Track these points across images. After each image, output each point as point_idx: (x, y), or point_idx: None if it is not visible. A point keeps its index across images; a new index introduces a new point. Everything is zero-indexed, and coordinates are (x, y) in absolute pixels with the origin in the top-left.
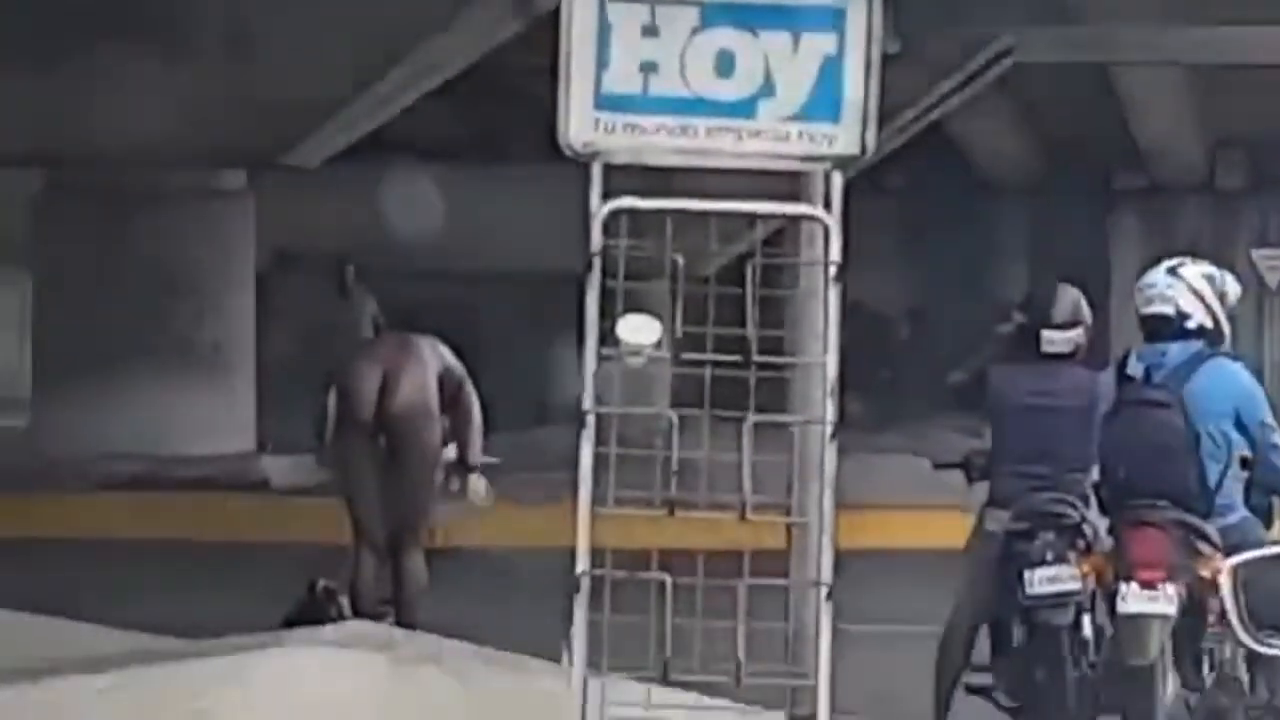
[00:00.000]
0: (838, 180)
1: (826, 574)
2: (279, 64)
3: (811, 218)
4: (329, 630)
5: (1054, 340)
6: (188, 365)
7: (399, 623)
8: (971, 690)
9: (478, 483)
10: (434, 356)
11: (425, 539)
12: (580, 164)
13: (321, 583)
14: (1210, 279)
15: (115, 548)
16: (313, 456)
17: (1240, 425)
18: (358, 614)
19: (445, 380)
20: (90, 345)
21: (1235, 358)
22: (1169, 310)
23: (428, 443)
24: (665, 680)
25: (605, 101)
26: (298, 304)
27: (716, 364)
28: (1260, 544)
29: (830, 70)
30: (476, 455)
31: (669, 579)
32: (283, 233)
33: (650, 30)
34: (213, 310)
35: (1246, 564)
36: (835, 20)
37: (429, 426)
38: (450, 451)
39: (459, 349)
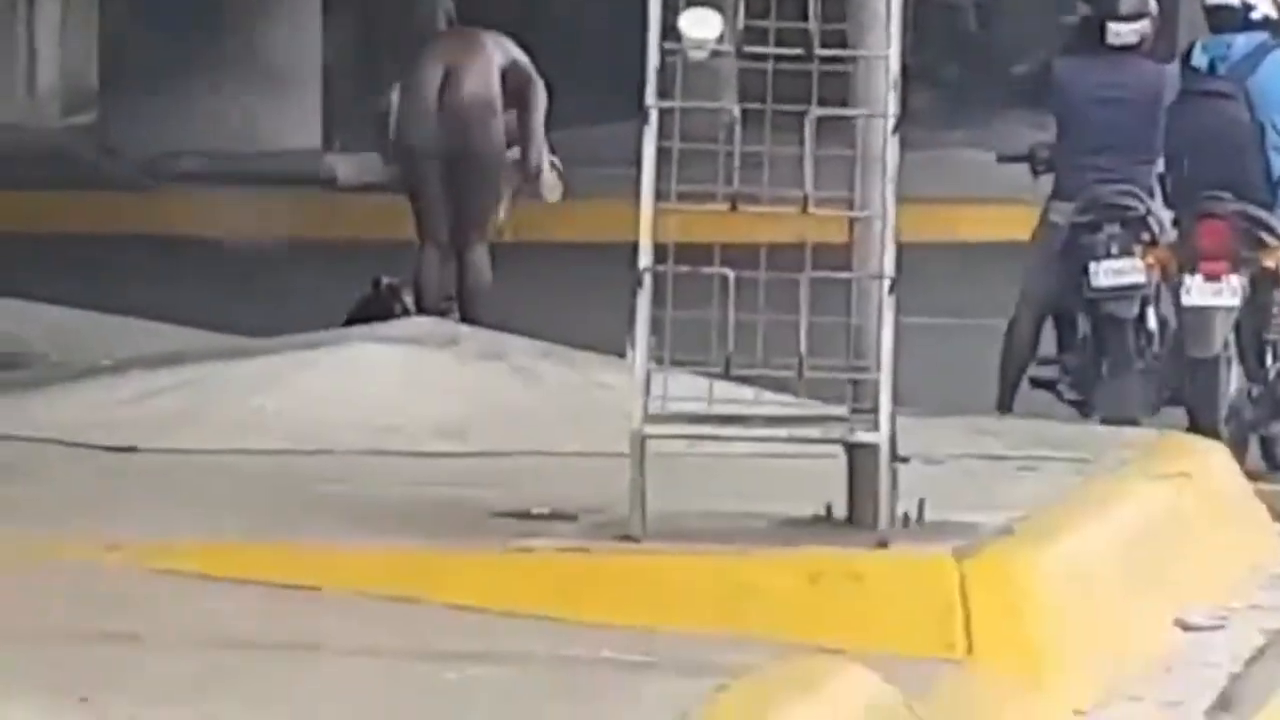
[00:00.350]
0: None
1: (889, 267)
2: None
3: None
4: (393, 326)
5: (1120, 32)
6: (255, 62)
7: (463, 318)
8: (1036, 383)
9: (549, 176)
10: (498, 51)
11: (489, 234)
12: None
13: (385, 279)
14: None
15: (181, 244)
16: (378, 153)
17: None
18: (422, 310)
19: (509, 75)
20: (158, 43)
21: None
22: (1234, 1)
23: (491, 137)
24: (727, 375)
25: None
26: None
27: (779, 58)
28: None
29: None
30: (539, 155)
31: (731, 273)
32: None
33: None
34: (280, 7)
35: None
36: None
37: (492, 121)
38: (515, 152)
39: (527, 47)
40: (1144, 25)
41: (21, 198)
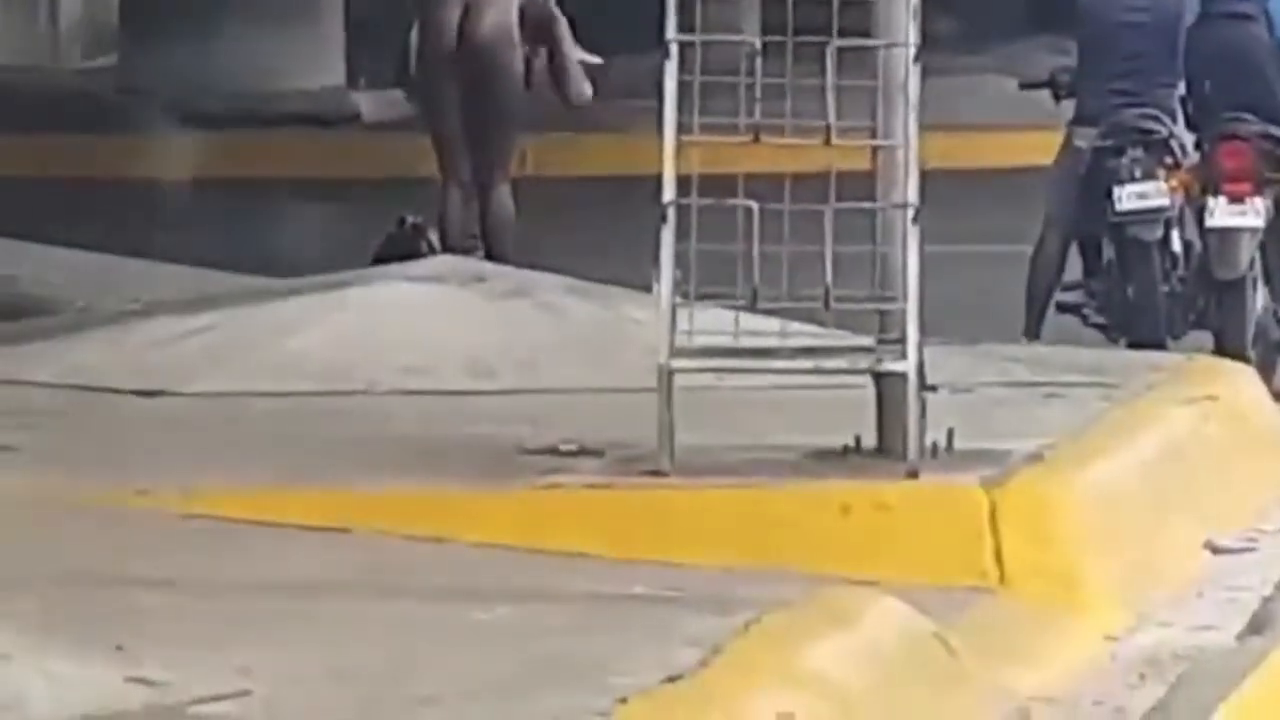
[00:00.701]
0: None
1: (913, 196)
2: None
3: None
4: (418, 265)
5: None
6: (277, 2)
7: (488, 256)
8: (1063, 308)
9: (580, 84)
10: None
11: (511, 171)
12: None
13: (410, 218)
14: None
15: (204, 186)
16: (401, 90)
17: None
18: (447, 248)
19: (528, 10)
20: None
21: None
22: None
23: (511, 73)
24: (753, 307)
25: None
26: None
27: None
28: None
29: None
30: (579, 87)
31: (756, 205)
32: None
33: None
34: None
35: None
36: None
37: (512, 57)
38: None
39: None
40: None
41: (44, 141)
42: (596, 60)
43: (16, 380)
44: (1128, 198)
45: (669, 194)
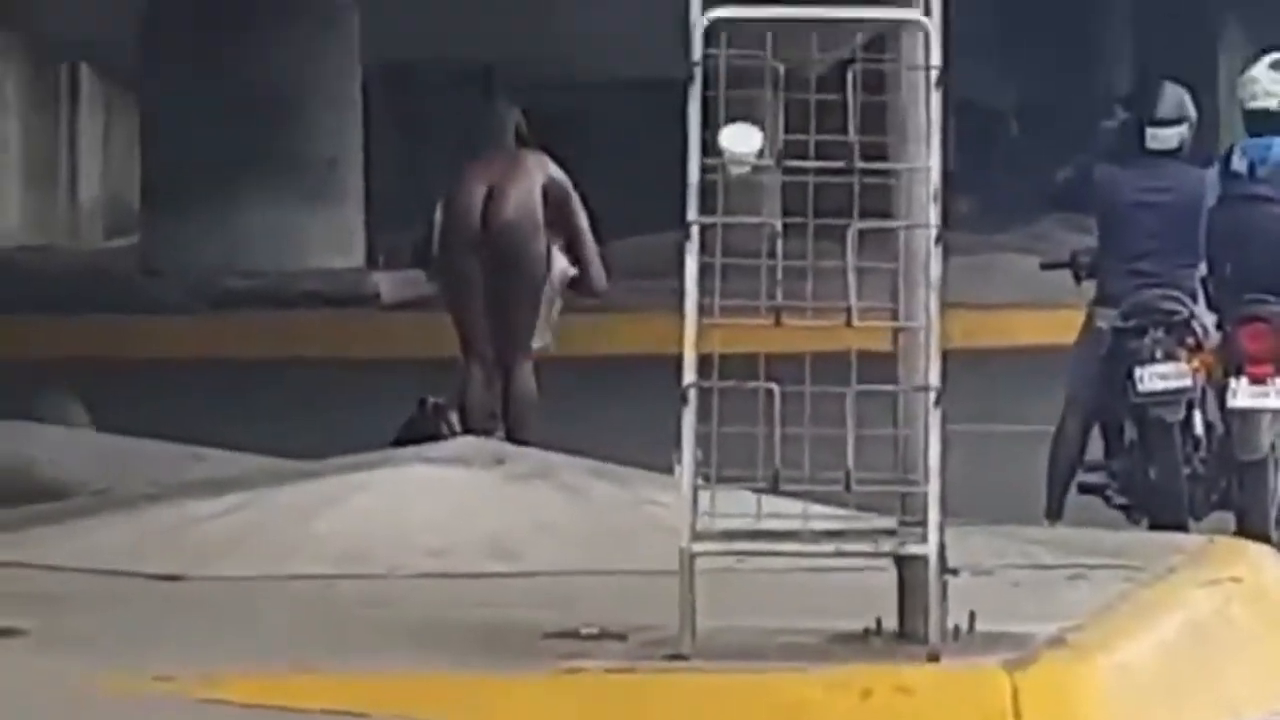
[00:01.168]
0: None
1: (934, 379)
2: None
3: (913, 23)
4: (439, 447)
5: (1159, 136)
6: (298, 182)
7: (509, 438)
8: (1084, 489)
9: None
10: (539, 170)
11: (533, 352)
12: None
13: (431, 399)
14: None
15: (227, 367)
16: (422, 271)
17: None
18: (468, 430)
19: (550, 193)
20: (199, 164)
21: None
22: (1272, 104)
23: (533, 256)
24: (775, 489)
25: None
26: (408, 117)
27: (820, 171)
28: None
29: None
30: (599, 274)
31: (777, 387)
32: (391, 46)
33: None
34: (321, 126)
35: None
36: None
37: (534, 240)
38: (568, 268)
39: (564, 162)
40: (1183, 129)
41: (65, 322)
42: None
43: (32, 564)
44: (1150, 379)
45: (690, 376)
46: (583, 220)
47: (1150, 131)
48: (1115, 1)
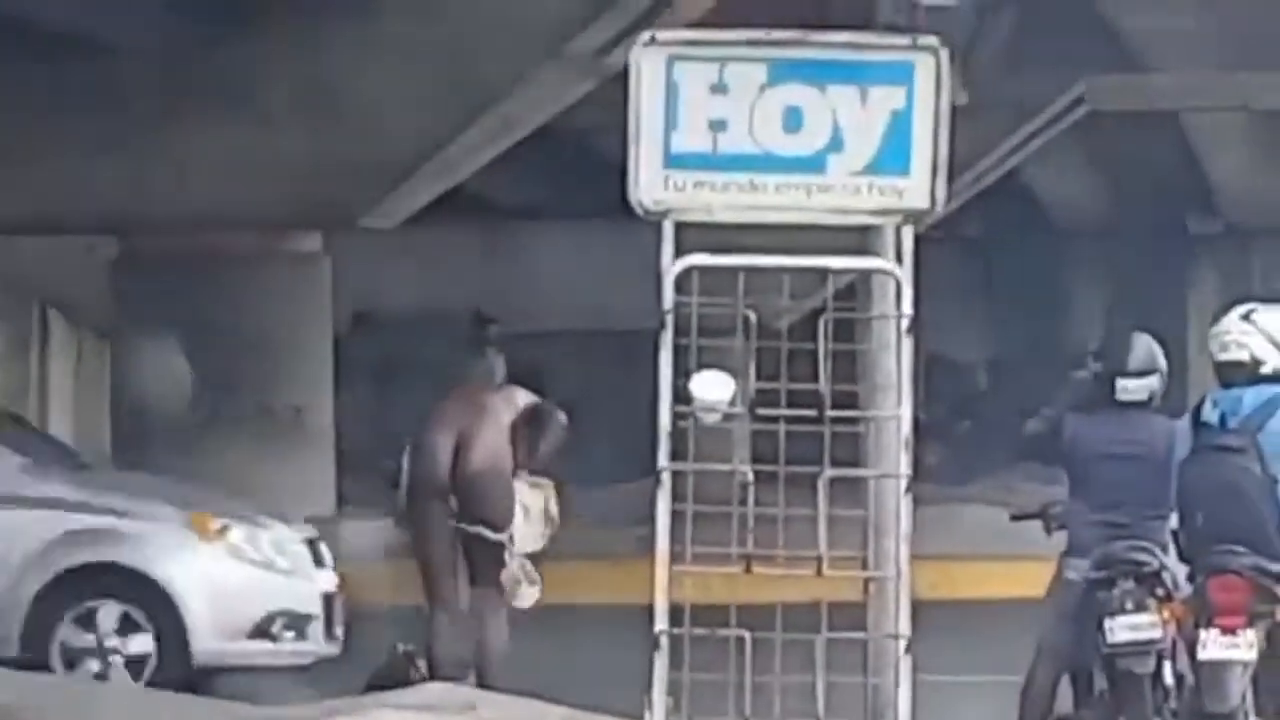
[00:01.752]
0: (908, 234)
1: (905, 627)
2: (353, 125)
3: (883, 271)
4: (410, 693)
5: (1129, 388)
6: (267, 429)
7: (481, 684)
8: None
9: (525, 585)
10: (507, 409)
11: (504, 599)
12: (651, 222)
13: (401, 646)
14: None
15: None
16: (391, 519)
17: None
18: (436, 677)
19: (526, 414)
20: (169, 409)
21: None
22: (1244, 356)
23: (501, 503)
24: None
25: (675, 160)
26: (376, 365)
27: (791, 419)
28: None
29: (899, 124)
30: (540, 460)
31: (748, 634)
32: (360, 294)
33: (718, 88)
34: (291, 374)
35: None
36: (903, 74)
37: (502, 487)
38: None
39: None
40: (1153, 381)
41: None
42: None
43: None
44: (1120, 630)
45: (661, 623)
46: (554, 420)
47: (1121, 383)
48: (1086, 253)
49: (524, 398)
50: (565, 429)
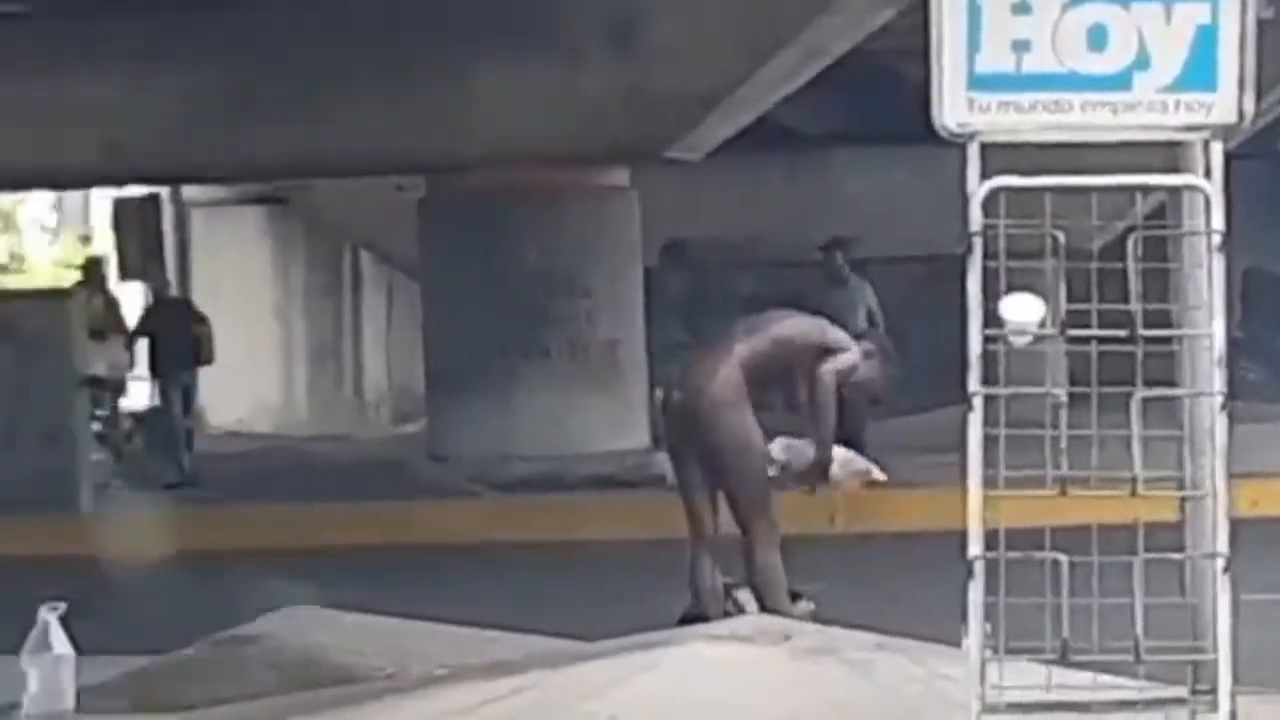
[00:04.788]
0: (1217, 149)
1: (1223, 546)
2: (662, 57)
3: (1192, 187)
4: (724, 625)
5: None
6: (580, 364)
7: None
8: None
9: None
10: (803, 336)
11: (765, 531)
12: (956, 144)
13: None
14: None
15: (514, 550)
16: None
17: None
18: (700, 615)
19: (809, 348)
20: (482, 349)
21: None
22: None
23: (729, 426)
24: (1064, 660)
25: (978, 82)
26: (685, 297)
27: (1103, 340)
28: None
29: (1205, 39)
30: (825, 454)
31: (1064, 558)
32: (669, 226)
33: (1020, 8)
34: (603, 309)
35: None
36: None
37: (735, 417)
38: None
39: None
40: None
41: (355, 509)
42: (881, 476)
43: None
44: None
45: (975, 548)
46: (823, 400)
47: None
48: None
49: (833, 333)
50: (829, 406)
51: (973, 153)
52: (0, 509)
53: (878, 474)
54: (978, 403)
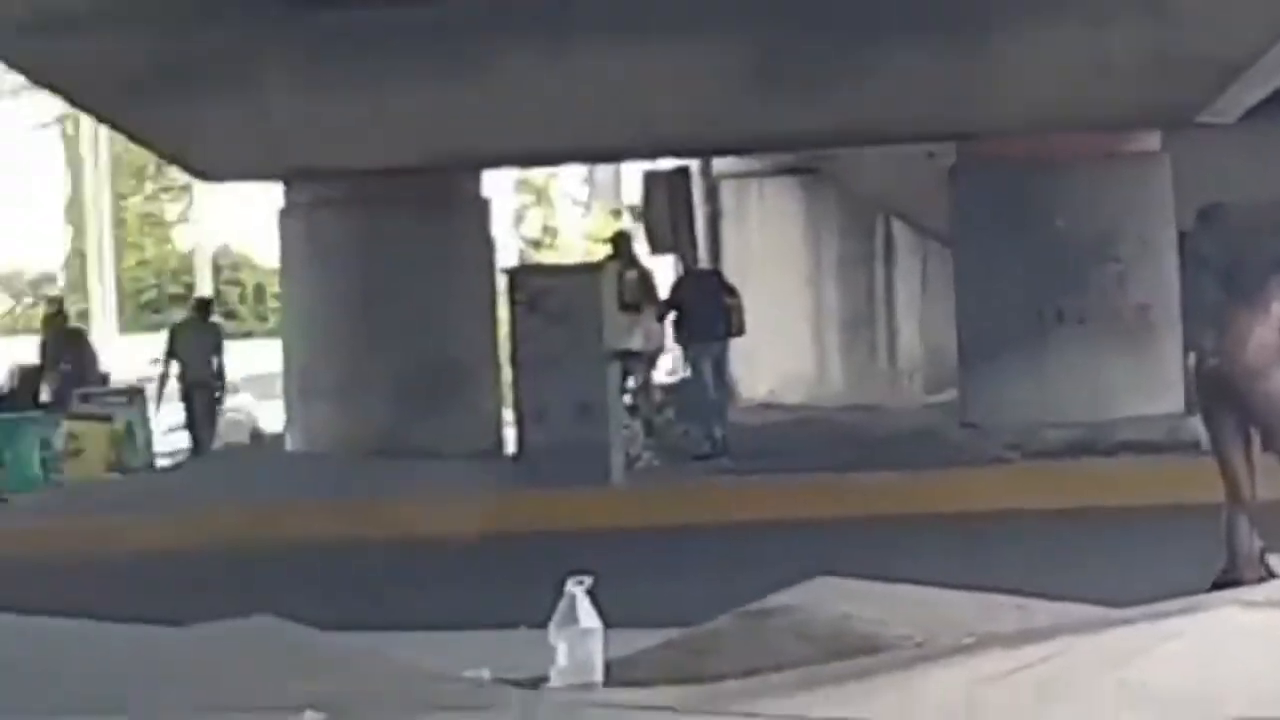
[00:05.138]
0: None
1: None
2: (1193, 22)
3: None
4: (1261, 590)
5: None
6: (1112, 329)
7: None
8: None
9: None
10: None
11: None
12: None
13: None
14: None
15: (1042, 517)
16: None
17: None
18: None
19: None
20: (1014, 315)
21: None
22: None
23: (1273, 393)
24: None
25: None
26: (1222, 260)
27: None
28: None
29: None
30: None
31: None
32: (1196, 191)
33: None
34: (1135, 273)
35: None
36: None
37: (1273, 378)
38: None
39: None
40: None
41: (885, 479)
42: None
43: None
44: None
45: None
46: None
47: None
48: None
49: None
50: None
51: None
52: (533, 482)
53: None
54: None
